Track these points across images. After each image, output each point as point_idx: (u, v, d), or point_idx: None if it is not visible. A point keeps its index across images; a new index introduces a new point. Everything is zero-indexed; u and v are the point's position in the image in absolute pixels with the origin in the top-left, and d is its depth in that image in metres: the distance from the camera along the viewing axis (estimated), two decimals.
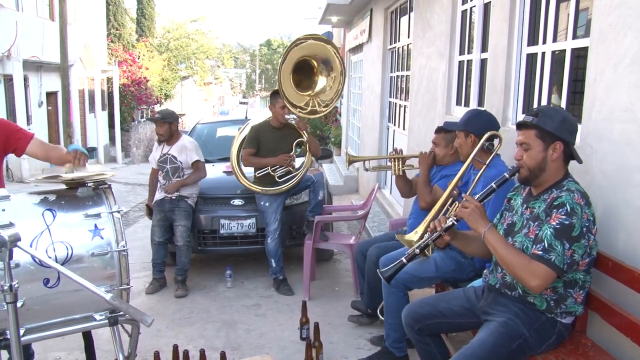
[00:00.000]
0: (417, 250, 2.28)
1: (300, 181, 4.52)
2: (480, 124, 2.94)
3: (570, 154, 2.17)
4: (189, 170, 4.60)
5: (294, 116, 4.45)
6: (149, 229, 4.74)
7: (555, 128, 2.11)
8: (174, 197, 4.52)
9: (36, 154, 2.80)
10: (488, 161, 2.57)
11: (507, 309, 2.22)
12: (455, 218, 2.24)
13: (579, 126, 2.64)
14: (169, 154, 4.59)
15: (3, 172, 2.89)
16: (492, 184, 2.22)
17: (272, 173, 4.49)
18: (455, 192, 2.92)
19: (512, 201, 2.37)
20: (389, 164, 3.80)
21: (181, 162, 4.56)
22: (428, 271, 3.00)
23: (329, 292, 4.57)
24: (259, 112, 6.66)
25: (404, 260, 2.28)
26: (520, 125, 2.20)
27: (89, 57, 15.72)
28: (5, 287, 1.60)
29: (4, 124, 2.80)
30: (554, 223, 2.02)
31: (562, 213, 2.01)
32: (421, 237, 2.47)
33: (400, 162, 3.72)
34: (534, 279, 2.00)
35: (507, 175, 2.20)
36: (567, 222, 2.00)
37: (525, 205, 2.25)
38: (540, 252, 2.01)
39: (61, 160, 2.77)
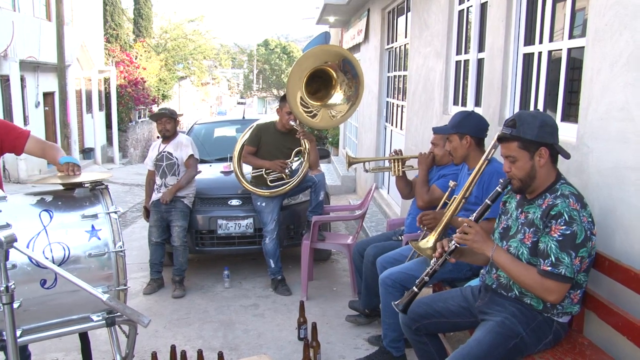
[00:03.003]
0: (427, 278, 2.30)
1: (293, 188, 4.51)
2: (473, 124, 2.95)
3: (556, 153, 2.16)
4: (184, 168, 4.61)
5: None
6: (147, 230, 4.74)
7: (536, 135, 2.09)
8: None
9: (34, 152, 2.80)
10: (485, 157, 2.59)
11: (503, 308, 2.22)
12: (457, 243, 2.24)
13: (575, 126, 2.65)
14: (165, 151, 4.60)
15: (0, 172, 2.89)
16: (487, 200, 2.24)
17: (265, 176, 4.49)
18: (451, 184, 2.94)
19: (507, 204, 2.38)
20: (388, 165, 3.80)
21: (177, 158, 4.59)
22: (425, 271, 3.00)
23: (326, 292, 4.57)
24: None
25: (416, 289, 2.31)
26: (501, 139, 2.20)
27: (86, 57, 15.68)
28: (2, 288, 1.60)
29: None
30: (555, 235, 2.02)
31: (562, 223, 2.02)
32: (433, 245, 2.53)
33: (399, 163, 3.72)
34: (549, 294, 2.04)
35: (499, 189, 2.22)
36: (568, 232, 2.00)
37: (519, 210, 2.25)
38: (550, 268, 2.02)
39: (54, 164, 2.76)
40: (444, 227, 2.66)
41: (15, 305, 1.66)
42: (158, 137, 4.87)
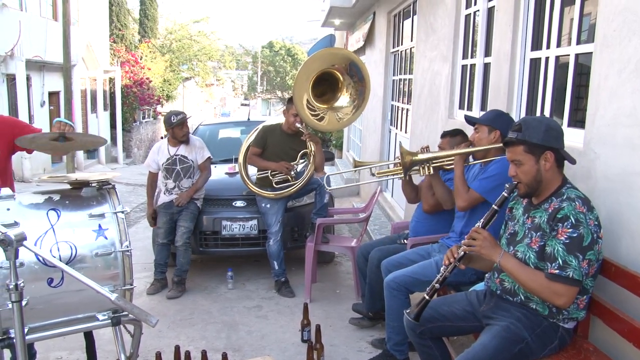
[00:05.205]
0: (437, 285, 2.29)
1: (299, 190, 4.50)
2: (505, 123, 2.96)
3: (562, 158, 2.17)
4: (198, 170, 4.63)
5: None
6: (150, 230, 4.74)
7: (541, 139, 2.11)
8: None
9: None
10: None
11: (509, 313, 2.22)
12: (465, 250, 2.24)
13: (582, 131, 2.65)
14: (178, 155, 4.60)
15: (11, 170, 2.90)
16: (493, 205, 2.24)
17: (271, 178, 4.50)
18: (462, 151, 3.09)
19: (513, 210, 2.38)
20: (393, 169, 3.79)
21: (192, 161, 4.60)
22: (430, 274, 2.99)
23: (330, 295, 4.57)
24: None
25: (427, 297, 2.30)
26: (507, 143, 2.21)
27: (91, 57, 15.73)
28: (11, 286, 1.60)
29: (11, 122, 2.81)
30: (562, 238, 2.02)
31: (568, 226, 2.02)
32: (414, 160, 3.12)
33: None
34: (558, 298, 2.04)
35: (505, 194, 2.23)
36: (575, 235, 2.01)
37: (526, 215, 2.26)
38: (557, 271, 2.02)
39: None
40: (433, 158, 3.11)
41: (23, 303, 1.67)
42: (162, 138, 4.87)
